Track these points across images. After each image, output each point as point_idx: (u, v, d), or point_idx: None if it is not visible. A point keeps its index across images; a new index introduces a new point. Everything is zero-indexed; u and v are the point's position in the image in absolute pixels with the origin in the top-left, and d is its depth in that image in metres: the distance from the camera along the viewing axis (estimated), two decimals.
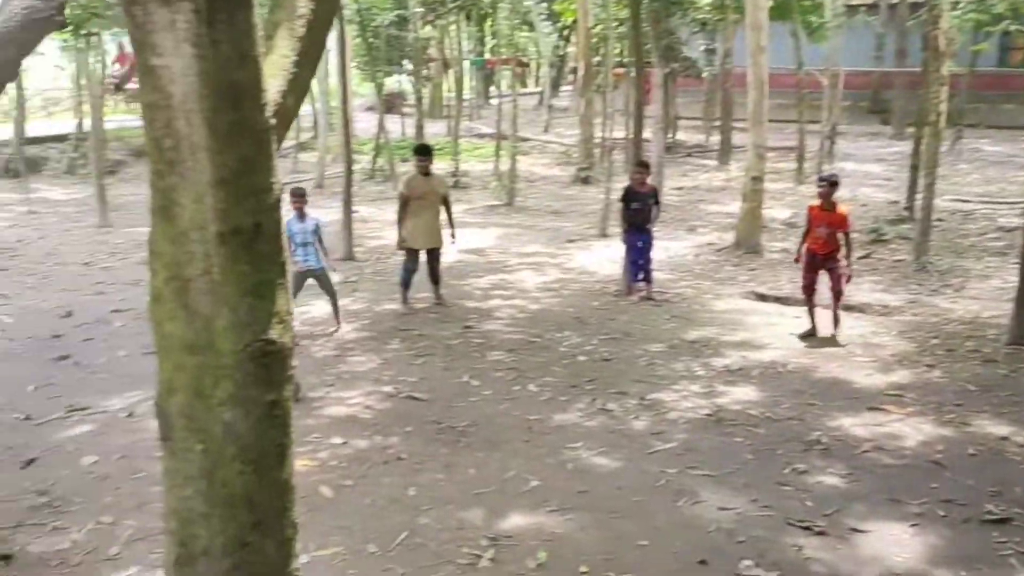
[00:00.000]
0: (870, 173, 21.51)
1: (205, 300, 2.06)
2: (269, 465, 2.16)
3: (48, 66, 22.82)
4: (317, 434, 5.81)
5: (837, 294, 8.17)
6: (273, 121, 2.21)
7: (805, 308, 8.37)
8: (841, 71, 24.35)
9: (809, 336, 8.21)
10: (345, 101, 12.02)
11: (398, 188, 9.15)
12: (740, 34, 17.98)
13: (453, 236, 9.24)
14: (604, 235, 13.19)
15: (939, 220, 14.81)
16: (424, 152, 9.18)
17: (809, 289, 8.27)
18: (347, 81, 12.18)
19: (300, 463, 5.18)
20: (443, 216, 9.13)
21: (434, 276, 9.23)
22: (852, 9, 27.99)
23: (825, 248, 8.11)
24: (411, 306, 9.13)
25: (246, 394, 2.09)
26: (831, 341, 8.05)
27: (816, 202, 8.29)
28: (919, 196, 13.33)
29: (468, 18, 15.24)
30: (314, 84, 22.23)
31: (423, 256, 9.11)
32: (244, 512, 2.13)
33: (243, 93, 2.01)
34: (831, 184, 8.19)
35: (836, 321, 8.22)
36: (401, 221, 8.99)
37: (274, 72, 2.45)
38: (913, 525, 4.67)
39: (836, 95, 23.79)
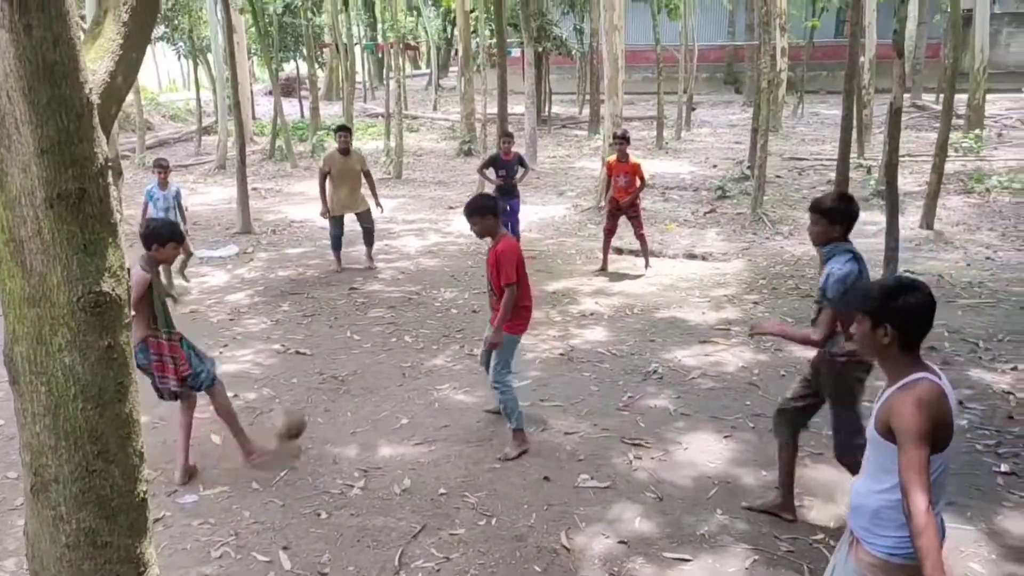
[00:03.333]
0: (723, 138, 22.38)
1: (39, 259, 2.16)
2: (109, 401, 2.28)
3: None
4: None
5: (641, 237, 9.12)
6: (96, 98, 2.30)
7: (602, 247, 9.19)
8: (696, 46, 25.15)
9: (601, 272, 9.10)
10: (235, 85, 11.78)
11: (319, 164, 9.19)
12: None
13: (380, 206, 9.47)
14: None
15: (777, 176, 15.67)
16: (343, 130, 9.30)
17: (610, 232, 9.17)
18: (235, 66, 11.86)
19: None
20: (366, 189, 9.29)
21: (368, 238, 9.46)
22: None
23: (623, 194, 8.91)
24: (341, 266, 9.35)
25: (83, 340, 2.21)
26: (667, 286, 8.52)
27: (613, 157, 9.09)
28: (759, 156, 14.06)
29: (346, 4, 14.97)
30: (214, 70, 21.66)
31: (352, 222, 9.32)
32: (88, 443, 2.25)
33: (60, 72, 2.09)
34: (624, 139, 9.00)
35: (647, 261, 9.18)
36: (323, 193, 9.11)
37: (102, 54, 2.52)
38: (726, 436, 5.06)
39: (692, 68, 24.58)
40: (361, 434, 5.16)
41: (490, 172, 9.93)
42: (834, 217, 3.66)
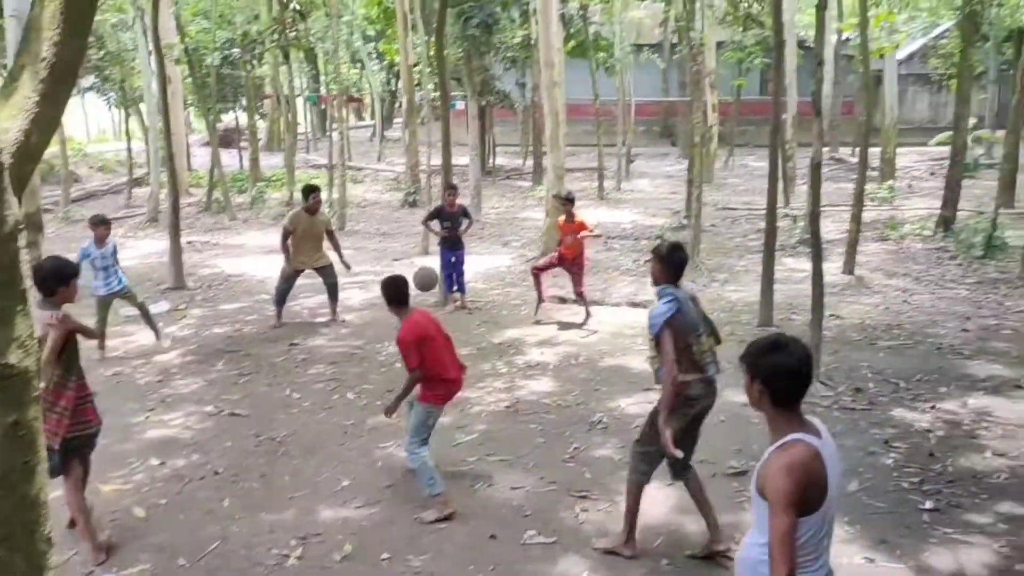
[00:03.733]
0: (660, 188, 22.84)
1: None
2: (14, 483, 2.05)
3: None
4: (134, 458, 5.51)
5: (580, 294, 9.25)
6: (8, 159, 2.13)
7: (535, 285, 9.28)
8: (633, 101, 25.79)
9: (538, 306, 9.26)
10: (168, 136, 11.45)
11: (283, 222, 9.03)
12: None
13: (347, 266, 9.31)
14: (426, 252, 13.27)
15: (712, 225, 15.99)
16: (315, 191, 9.07)
17: (544, 271, 9.26)
18: (169, 117, 11.57)
19: (110, 488, 4.93)
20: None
21: (332, 293, 9.21)
22: (639, 48, 29.66)
23: (571, 252, 9.04)
24: (281, 322, 9.01)
25: None
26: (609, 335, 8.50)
27: (562, 218, 9.27)
28: (695, 206, 14.32)
29: (287, 57, 14.86)
30: (146, 121, 21.20)
31: (318, 277, 9.12)
32: None
33: None
34: (568, 201, 9.28)
35: (587, 314, 9.17)
36: (287, 251, 8.89)
37: (16, 112, 2.35)
38: (669, 484, 4.92)
39: (630, 122, 25.16)
40: (299, 499, 4.90)
41: (435, 224, 9.85)
42: (663, 262, 4.15)
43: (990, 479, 4.97)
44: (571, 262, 9.12)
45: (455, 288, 9.82)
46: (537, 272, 9.27)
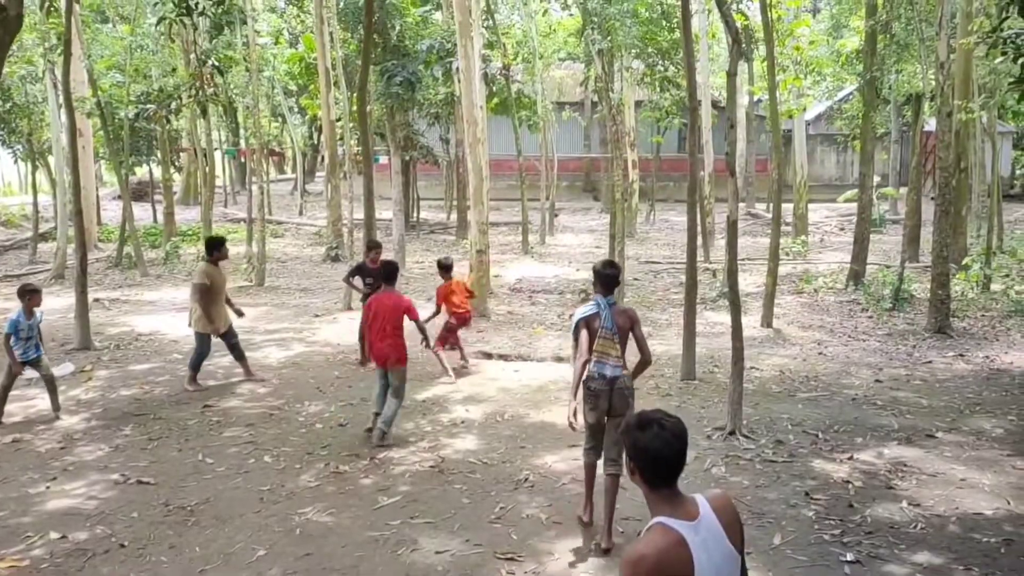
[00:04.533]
0: (584, 242, 23.28)
1: None
2: None
3: None
4: (32, 532, 5.16)
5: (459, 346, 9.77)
6: None
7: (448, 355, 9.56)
8: (556, 157, 26.39)
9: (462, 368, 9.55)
10: (77, 191, 11.04)
11: (195, 279, 8.76)
12: None
13: (240, 313, 9.17)
14: (349, 308, 13.11)
15: (635, 279, 16.35)
16: (223, 242, 8.92)
17: (447, 341, 9.64)
18: (77, 170, 11.20)
19: (6, 565, 4.63)
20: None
21: (240, 353, 9.01)
22: (560, 106, 30.53)
23: (466, 309, 9.81)
24: (200, 385, 8.69)
25: None
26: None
27: (442, 283, 9.90)
28: (618, 260, 14.63)
29: (204, 112, 14.67)
30: (55, 174, 20.46)
31: (216, 339, 8.87)
32: None
33: None
34: (445, 268, 9.91)
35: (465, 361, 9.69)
36: (207, 310, 8.61)
37: None
38: (596, 542, 4.95)
39: (553, 177, 25.71)
40: (210, 572, 4.66)
41: (356, 280, 9.76)
42: (596, 275, 5.14)
43: (907, 529, 5.12)
44: (461, 319, 9.70)
45: None
46: (439, 347, 9.31)
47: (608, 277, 5.04)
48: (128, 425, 7.38)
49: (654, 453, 2.23)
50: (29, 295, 7.43)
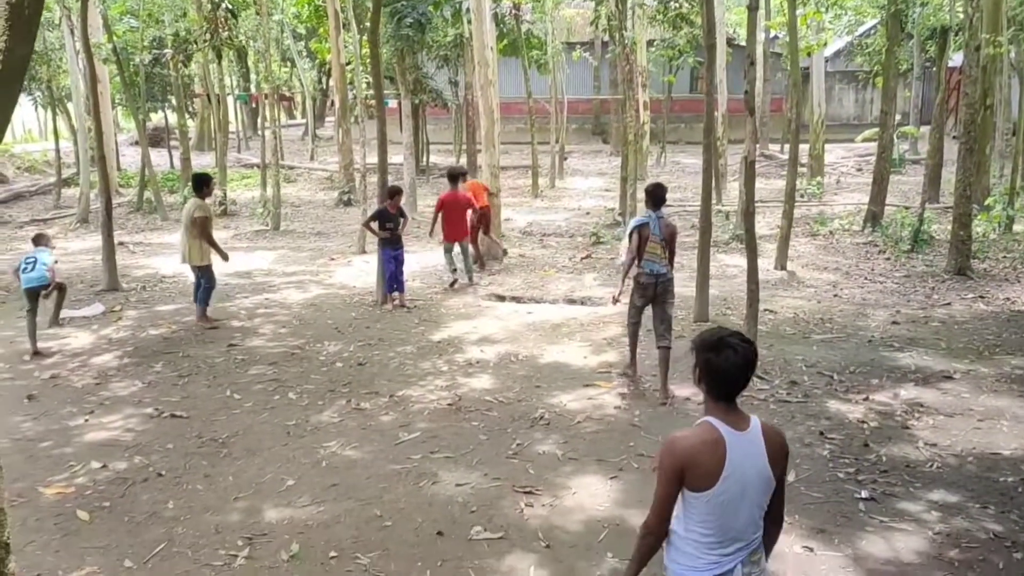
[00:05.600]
0: (594, 186, 23.20)
1: None
2: None
3: None
4: (74, 461, 5.44)
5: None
6: None
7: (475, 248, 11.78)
8: (565, 99, 26.11)
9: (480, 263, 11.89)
10: (99, 137, 11.14)
11: (196, 214, 8.91)
12: None
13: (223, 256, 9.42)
14: (363, 251, 13.26)
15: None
16: (210, 180, 9.22)
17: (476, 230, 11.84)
18: (99, 117, 11.28)
19: (54, 491, 4.89)
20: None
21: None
22: (571, 46, 30.01)
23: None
24: (212, 320, 9.01)
25: None
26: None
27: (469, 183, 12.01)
28: (628, 203, 14.65)
29: (219, 56, 14.61)
30: (74, 121, 20.50)
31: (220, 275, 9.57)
32: None
33: None
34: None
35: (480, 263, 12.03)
36: (210, 240, 8.93)
37: None
38: (612, 478, 5.13)
39: (562, 120, 25.47)
40: (244, 499, 4.90)
41: (375, 225, 9.86)
42: (647, 194, 6.75)
43: (923, 468, 5.19)
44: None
45: (394, 287, 9.87)
46: (474, 237, 11.63)
47: (657, 195, 6.66)
48: (158, 362, 7.65)
49: (724, 375, 2.44)
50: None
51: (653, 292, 6.66)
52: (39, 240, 8.69)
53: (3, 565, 2.18)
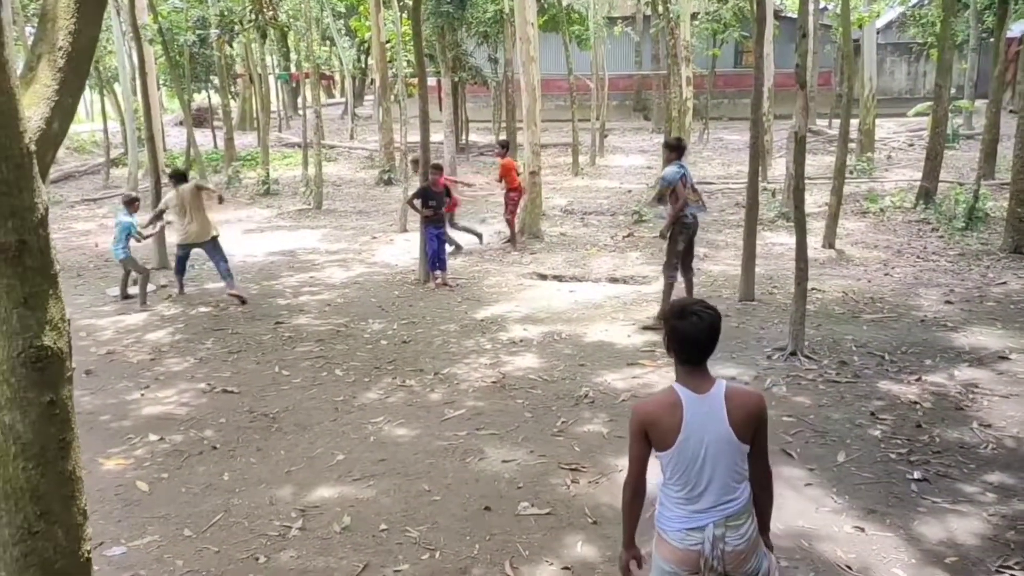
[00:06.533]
0: (635, 163, 22.99)
1: None
2: (51, 459, 2.19)
3: None
4: (132, 434, 5.65)
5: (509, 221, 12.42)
6: (35, 147, 2.23)
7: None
8: (606, 75, 25.84)
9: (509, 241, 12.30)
10: (148, 117, 11.39)
11: (194, 186, 9.64)
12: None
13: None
14: (405, 230, 13.37)
15: None
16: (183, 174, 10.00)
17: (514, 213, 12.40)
18: (149, 98, 11.52)
19: (114, 462, 5.07)
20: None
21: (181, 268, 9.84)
22: (612, 21, 29.67)
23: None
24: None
25: (23, 397, 2.12)
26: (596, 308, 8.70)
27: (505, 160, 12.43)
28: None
29: (263, 36, 14.78)
30: (121, 101, 20.94)
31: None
32: (30, 504, 2.15)
33: None
34: (503, 146, 12.72)
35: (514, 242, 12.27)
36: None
37: (36, 100, 2.44)
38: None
39: (603, 96, 25.23)
40: (296, 472, 5.05)
41: (418, 203, 9.94)
42: (672, 149, 7.93)
43: (978, 450, 5.11)
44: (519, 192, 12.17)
45: (436, 265, 9.96)
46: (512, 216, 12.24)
47: (683, 147, 7.94)
48: (209, 339, 7.88)
49: (689, 339, 2.56)
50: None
51: (693, 232, 7.86)
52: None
53: (81, 531, 2.29)
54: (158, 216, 9.74)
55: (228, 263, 9.29)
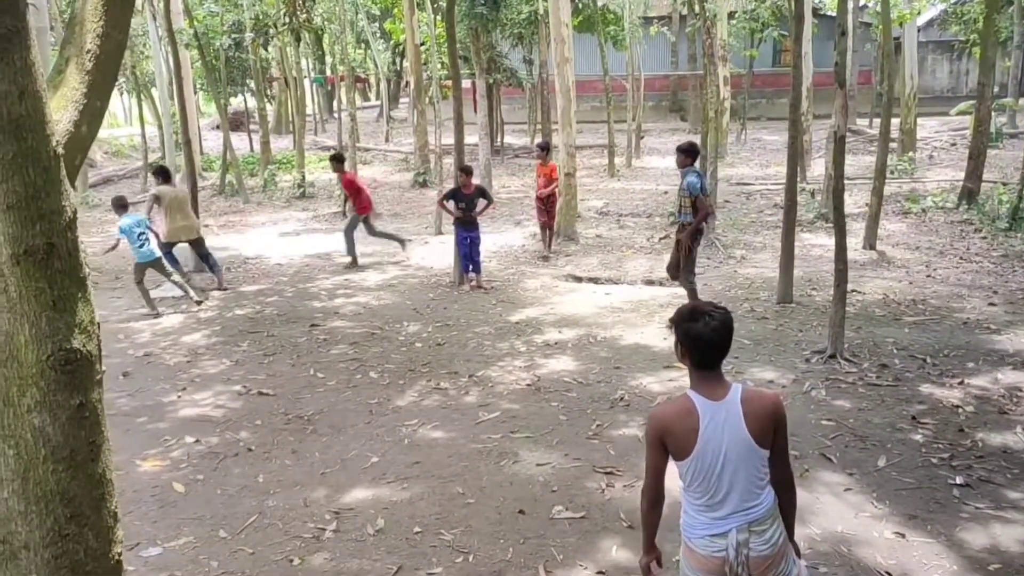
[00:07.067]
0: (671, 165, 22.70)
1: (5, 317, 2.06)
2: (82, 462, 2.17)
3: None
4: (169, 436, 5.69)
5: (548, 226, 11.87)
6: (62, 150, 2.22)
7: (541, 235, 12.13)
8: (642, 76, 25.65)
9: (543, 258, 11.64)
10: (184, 122, 11.57)
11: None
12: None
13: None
14: (439, 232, 13.37)
15: (726, 202, 15.98)
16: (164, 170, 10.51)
17: (543, 223, 11.92)
18: (185, 102, 11.69)
19: (150, 464, 5.11)
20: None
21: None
22: (648, 21, 29.44)
23: (541, 189, 11.72)
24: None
25: (53, 400, 2.11)
26: (634, 308, 8.59)
27: (538, 162, 12.07)
28: (709, 182, 14.30)
29: (298, 39, 14.92)
30: (158, 106, 21.32)
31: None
32: (60, 507, 2.14)
33: (26, 125, 2.01)
34: (543, 148, 12.10)
35: (549, 243, 11.90)
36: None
37: (65, 104, 2.45)
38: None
39: (639, 97, 25.04)
40: (330, 475, 5.03)
41: (450, 204, 9.94)
42: (686, 153, 7.58)
43: (1022, 455, 4.96)
44: (544, 197, 11.61)
45: (470, 267, 9.93)
46: (542, 224, 11.87)
47: (697, 152, 7.75)
48: (245, 341, 7.92)
49: (703, 341, 2.48)
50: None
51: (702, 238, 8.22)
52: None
53: (112, 533, 2.27)
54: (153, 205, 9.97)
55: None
